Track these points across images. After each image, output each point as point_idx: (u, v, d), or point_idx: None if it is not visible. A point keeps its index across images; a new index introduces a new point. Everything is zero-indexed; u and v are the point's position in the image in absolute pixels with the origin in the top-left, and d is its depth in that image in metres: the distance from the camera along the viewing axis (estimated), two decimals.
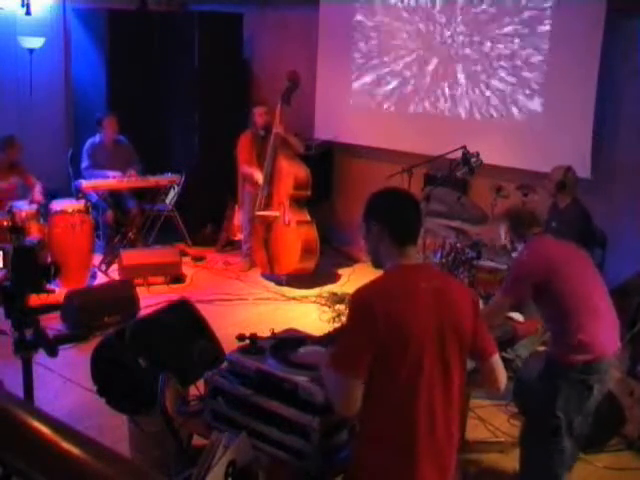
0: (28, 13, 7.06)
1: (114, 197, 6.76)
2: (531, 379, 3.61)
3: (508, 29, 6.18)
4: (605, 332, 3.18)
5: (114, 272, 6.33)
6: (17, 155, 6.25)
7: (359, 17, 7.12)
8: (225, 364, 2.65)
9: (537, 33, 6.03)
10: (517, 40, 6.15)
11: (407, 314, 2.10)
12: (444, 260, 5.38)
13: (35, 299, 2.66)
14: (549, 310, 3.24)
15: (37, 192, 6.18)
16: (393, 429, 2.14)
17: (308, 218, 6.30)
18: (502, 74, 6.27)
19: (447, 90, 6.62)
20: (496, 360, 2.31)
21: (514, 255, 3.44)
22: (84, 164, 6.72)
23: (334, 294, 6.11)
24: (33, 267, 2.58)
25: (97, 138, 6.76)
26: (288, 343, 2.63)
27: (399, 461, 2.14)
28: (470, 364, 2.33)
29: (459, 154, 5.45)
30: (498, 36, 6.25)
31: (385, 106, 7.06)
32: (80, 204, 6.06)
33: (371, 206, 2.26)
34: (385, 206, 2.26)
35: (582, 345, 3.08)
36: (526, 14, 6.07)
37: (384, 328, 2.06)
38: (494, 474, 3.74)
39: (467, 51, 6.44)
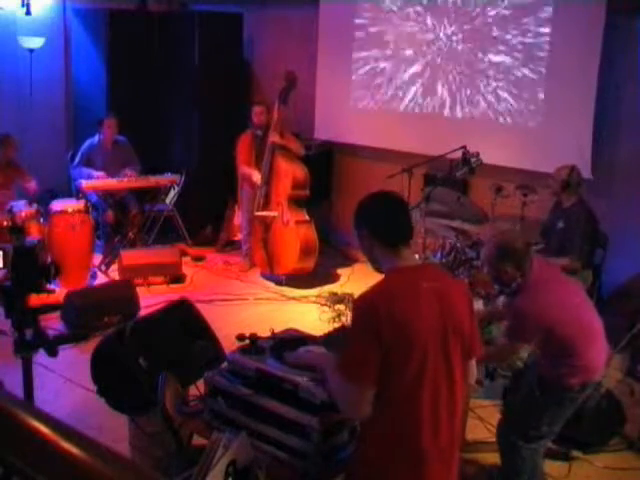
0: (28, 13, 7.06)
1: (114, 197, 6.76)
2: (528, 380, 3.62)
3: (508, 29, 6.18)
4: (601, 351, 3.23)
5: (114, 272, 6.33)
6: (12, 154, 6.24)
7: (359, 17, 7.12)
8: (225, 364, 2.65)
9: (537, 33, 6.03)
10: (517, 40, 6.14)
11: (411, 315, 2.10)
12: (444, 260, 5.38)
13: (35, 299, 2.65)
14: (545, 339, 3.23)
15: (32, 186, 6.20)
16: (397, 429, 2.14)
17: (306, 218, 6.30)
18: (502, 74, 6.27)
19: (447, 90, 6.61)
20: (474, 363, 2.36)
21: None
22: (75, 160, 6.74)
23: (334, 294, 6.11)
24: (33, 267, 2.58)
25: (96, 139, 6.76)
26: (288, 343, 2.63)
27: (404, 461, 2.14)
28: None
29: (459, 154, 5.45)
30: (498, 36, 6.24)
31: (385, 106, 7.06)
32: (80, 204, 6.06)
33: (359, 212, 2.28)
34: (371, 210, 2.28)
35: (583, 369, 3.13)
36: (526, 14, 6.07)
37: (388, 330, 2.06)
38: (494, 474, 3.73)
39: (467, 51, 6.44)
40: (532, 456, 3.26)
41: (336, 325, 5.36)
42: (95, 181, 6.51)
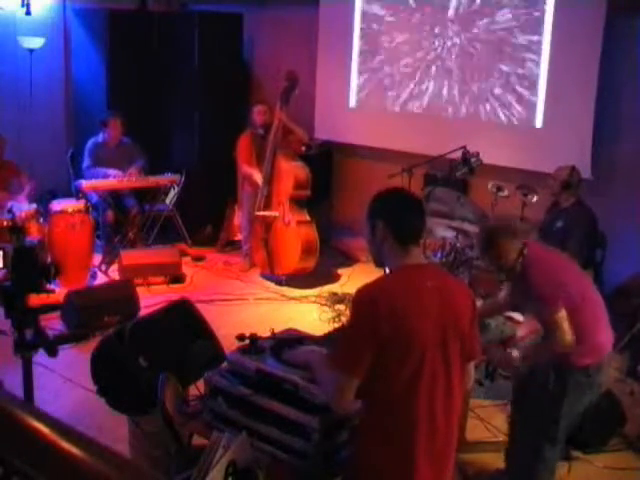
0: (28, 13, 7.06)
1: (114, 197, 6.75)
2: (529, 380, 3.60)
3: (508, 29, 6.18)
4: (604, 330, 3.20)
5: (114, 272, 6.33)
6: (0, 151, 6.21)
7: (359, 17, 7.12)
8: (225, 364, 2.65)
9: (537, 33, 6.03)
10: (517, 40, 6.15)
11: (411, 312, 2.10)
12: (444, 260, 5.38)
13: (35, 299, 2.65)
14: None
15: (26, 194, 6.13)
16: (394, 428, 2.14)
17: (308, 218, 6.30)
18: (502, 74, 6.27)
19: (447, 90, 6.62)
20: (472, 365, 2.36)
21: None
22: (85, 163, 6.71)
23: (334, 294, 6.10)
24: (33, 267, 2.58)
25: (100, 137, 6.74)
26: (288, 343, 2.63)
27: (399, 461, 2.14)
28: None
29: (459, 154, 5.45)
30: (498, 36, 6.25)
31: (385, 106, 7.06)
32: (80, 204, 6.06)
33: (375, 205, 2.26)
34: (389, 206, 2.26)
35: (591, 347, 3.09)
36: (526, 14, 6.07)
37: (388, 326, 2.05)
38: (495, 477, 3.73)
39: (467, 51, 6.44)
40: (553, 458, 3.19)
41: (336, 325, 5.36)
42: (95, 181, 6.50)
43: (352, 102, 7.31)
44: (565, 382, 3.13)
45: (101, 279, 6.22)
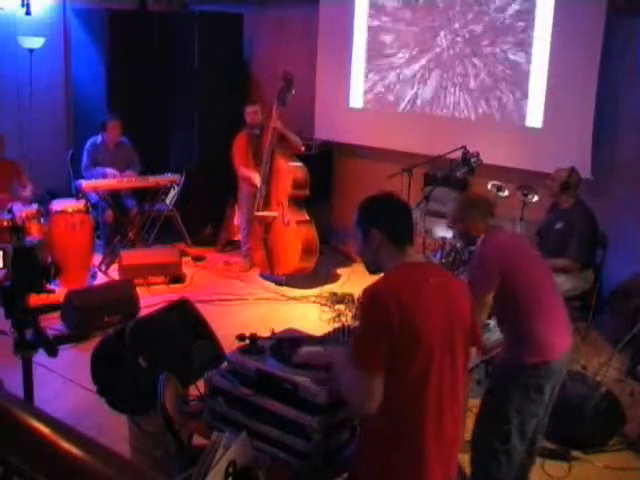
0: (28, 13, 7.06)
1: (114, 197, 6.76)
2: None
3: (509, 29, 6.18)
4: (557, 332, 3.10)
5: (114, 272, 6.33)
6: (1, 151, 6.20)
7: (359, 17, 7.12)
8: (225, 364, 2.65)
9: (537, 33, 6.03)
10: (517, 40, 6.15)
11: (418, 310, 2.11)
12: (444, 260, 5.39)
13: (35, 299, 2.65)
14: (503, 309, 3.14)
15: (25, 193, 6.13)
16: (403, 428, 2.14)
17: (307, 218, 6.30)
18: (502, 74, 6.27)
19: (447, 90, 6.62)
20: (474, 349, 2.40)
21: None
22: (84, 163, 6.73)
23: (334, 294, 6.11)
24: (33, 267, 2.58)
25: (99, 138, 6.76)
26: (288, 343, 2.63)
27: (407, 461, 2.14)
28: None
29: (459, 154, 5.45)
30: (498, 36, 6.25)
31: (385, 106, 7.06)
32: (80, 204, 6.06)
33: (366, 212, 2.29)
34: (380, 210, 2.29)
35: (534, 345, 3.01)
36: (526, 14, 6.07)
37: (398, 323, 2.06)
38: None
39: (467, 51, 6.44)
40: (507, 462, 3.08)
41: (336, 325, 5.35)
42: (95, 181, 6.51)
43: (352, 102, 7.30)
44: (512, 382, 3.05)
45: (101, 279, 6.22)
